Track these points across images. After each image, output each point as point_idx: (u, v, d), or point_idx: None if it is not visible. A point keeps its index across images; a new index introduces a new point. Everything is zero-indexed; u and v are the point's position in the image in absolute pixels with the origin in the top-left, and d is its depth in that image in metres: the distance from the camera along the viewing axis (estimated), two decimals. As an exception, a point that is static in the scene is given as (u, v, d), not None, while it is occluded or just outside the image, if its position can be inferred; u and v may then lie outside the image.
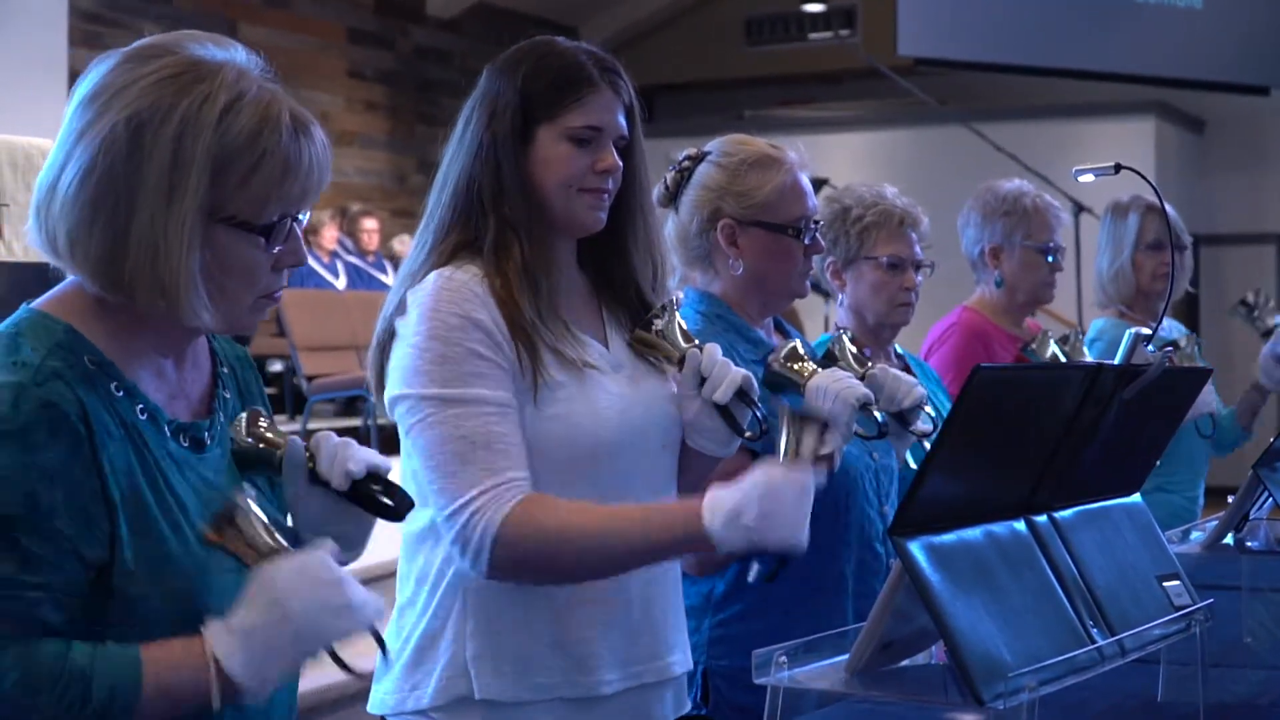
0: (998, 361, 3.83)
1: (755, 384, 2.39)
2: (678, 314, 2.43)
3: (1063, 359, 3.74)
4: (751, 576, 2.37)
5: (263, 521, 1.74)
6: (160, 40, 1.79)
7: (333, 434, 1.88)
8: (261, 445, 1.88)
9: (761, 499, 2.11)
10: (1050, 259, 4.03)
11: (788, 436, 2.33)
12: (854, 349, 2.88)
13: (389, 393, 2.30)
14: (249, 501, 1.74)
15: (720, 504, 2.14)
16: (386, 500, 1.85)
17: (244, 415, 1.89)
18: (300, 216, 1.82)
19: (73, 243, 1.73)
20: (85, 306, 1.77)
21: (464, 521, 2.19)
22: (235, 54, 1.80)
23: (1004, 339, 3.98)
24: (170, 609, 1.72)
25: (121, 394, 1.74)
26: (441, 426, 2.22)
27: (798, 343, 2.77)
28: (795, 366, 2.72)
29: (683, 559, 2.65)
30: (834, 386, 2.62)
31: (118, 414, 1.73)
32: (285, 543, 1.75)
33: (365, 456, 1.85)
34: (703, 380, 2.37)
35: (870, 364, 2.85)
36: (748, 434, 2.41)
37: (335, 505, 1.86)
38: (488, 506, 2.18)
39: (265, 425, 1.89)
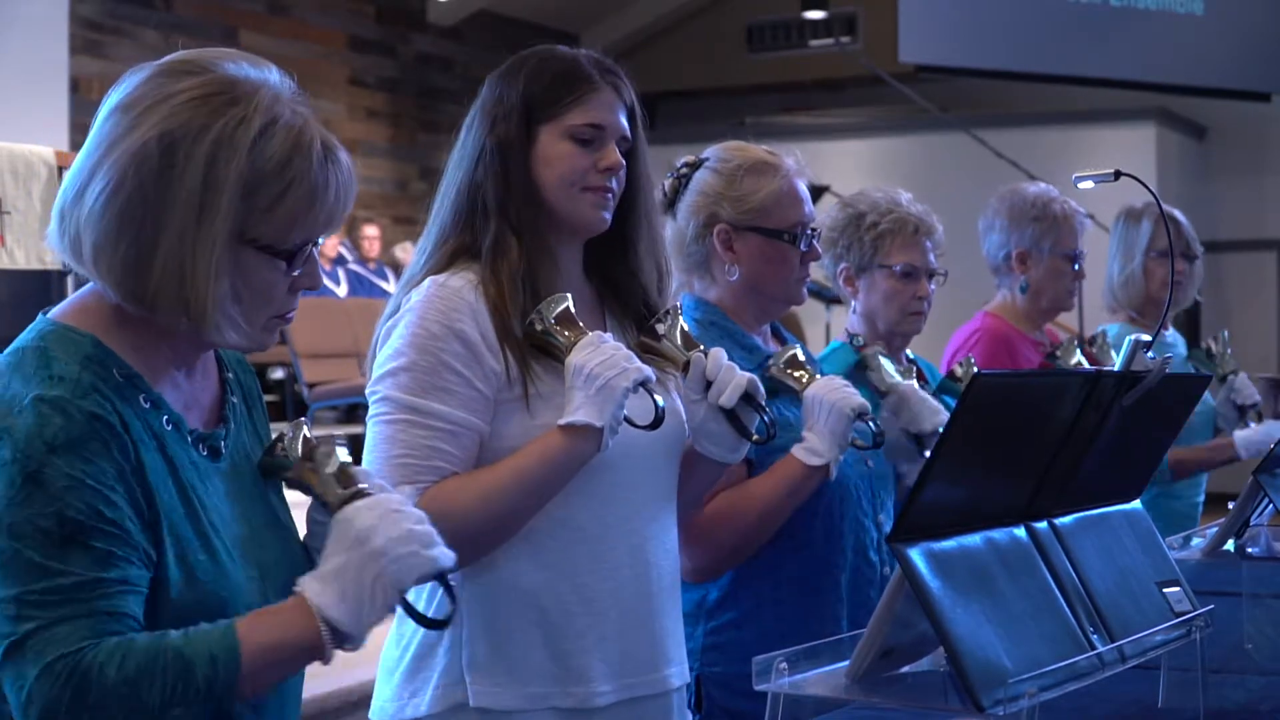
0: (1023, 367, 3.83)
1: (760, 387, 2.39)
2: (681, 319, 2.43)
3: (1086, 365, 3.74)
4: (755, 438, 2.43)
5: (345, 465, 1.77)
6: (195, 56, 1.79)
7: (370, 472, 1.88)
8: (309, 472, 1.87)
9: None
10: (1075, 266, 4.02)
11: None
12: (889, 364, 2.92)
13: (367, 384, 2.33)
14: (337, 449, 1.78)
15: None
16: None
17: (303, 440, 1.88)
18: (319, 240, 1.83)
19: (98, 253, 1.74)
20: (107, 318, 1.78)
21: None
22: (269, 75, 1.81)
23: (1027, 344, 3.97)
24: (197, 616, 1.72)
25: (149, 405, 1.76)
26: (390, 428, 2.26)
27: (797, 349, 2.78)
28: (794, 374, 2.73)
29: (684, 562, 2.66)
30: (830, 396, 2.65)
31: (148, 425, 1.75)
32: (364, 486, 1.77)
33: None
34: (708, 385, 2.38)
35: (899, 381, 2.90)
36: (755, 438, 2.42)
37: None
38: None
39: (321, 456, 1.87)
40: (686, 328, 2.44)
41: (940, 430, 2.83)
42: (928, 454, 2.83)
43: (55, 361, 1.71)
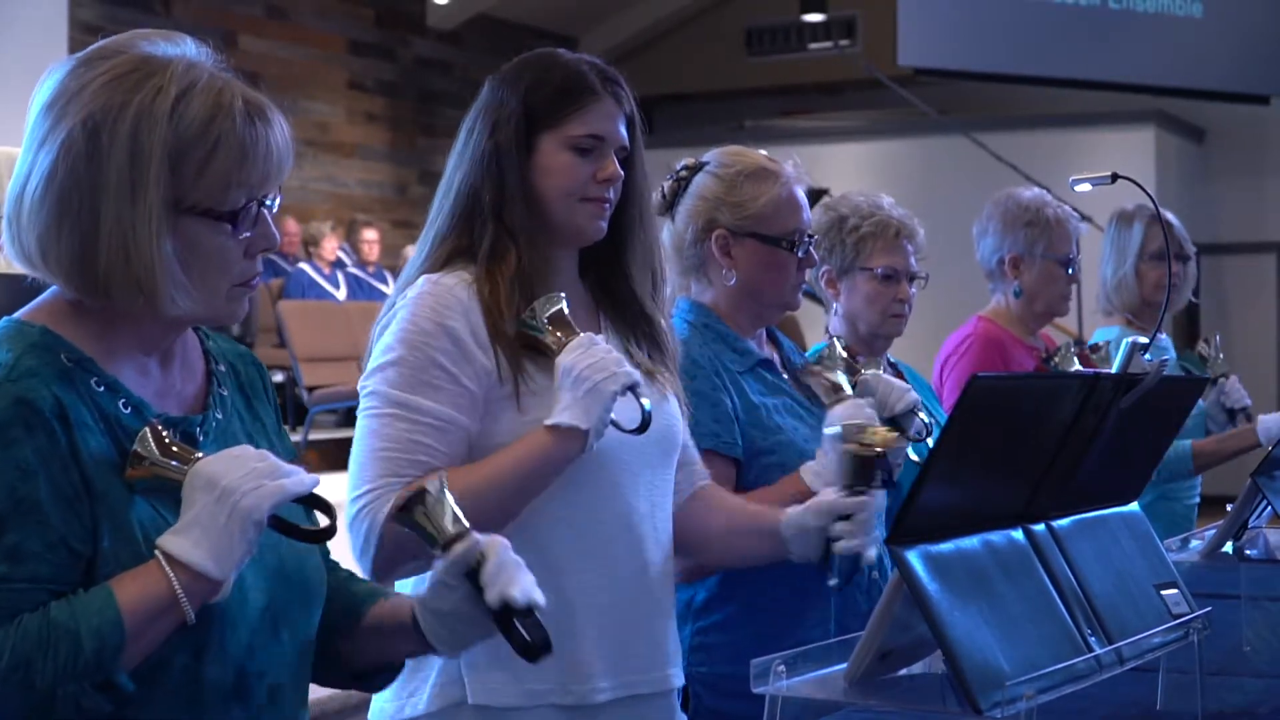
0: (1017, 371, 3.82)
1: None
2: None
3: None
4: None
5: (169, 443, 1.74)
6: (111, 42, 1.81)
7: (508, 545, 1.83)
8: (455, 526, 1.83)
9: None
10: (1069, 271, 4.02)
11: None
12: (844, 355, 2.89)
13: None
14: (147, 432, 1.74)
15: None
16: (526, 638, 1.80)
17: (448, 500, 1.84)
18: (269, 201, 1.82)
19: (44, 249, 1.75)
20: (62, 311, 1.79)
21: (353, 515, 2.24)
22: (185, 48, 1.82)
23: (1021, 348, 3.97)
24: None
25: (102, 389, 1.75)
26: (376, 421, 2.28)
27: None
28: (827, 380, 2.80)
29: (680, 562, 2.66)
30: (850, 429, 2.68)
31: (98, 407, 1.74)
32: (199, 452, 1.75)
33: (529, 589, 1.80)
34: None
35: (862, 370, 2.87)
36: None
37: (471, 610, 1.82)
38: (374, 504, 2.22)
39: (458, 517, 1.84)
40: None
41: (914, 407, 2.84)
42: (909, 434, 2.84)
43: None
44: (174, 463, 1.73)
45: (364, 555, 2.23)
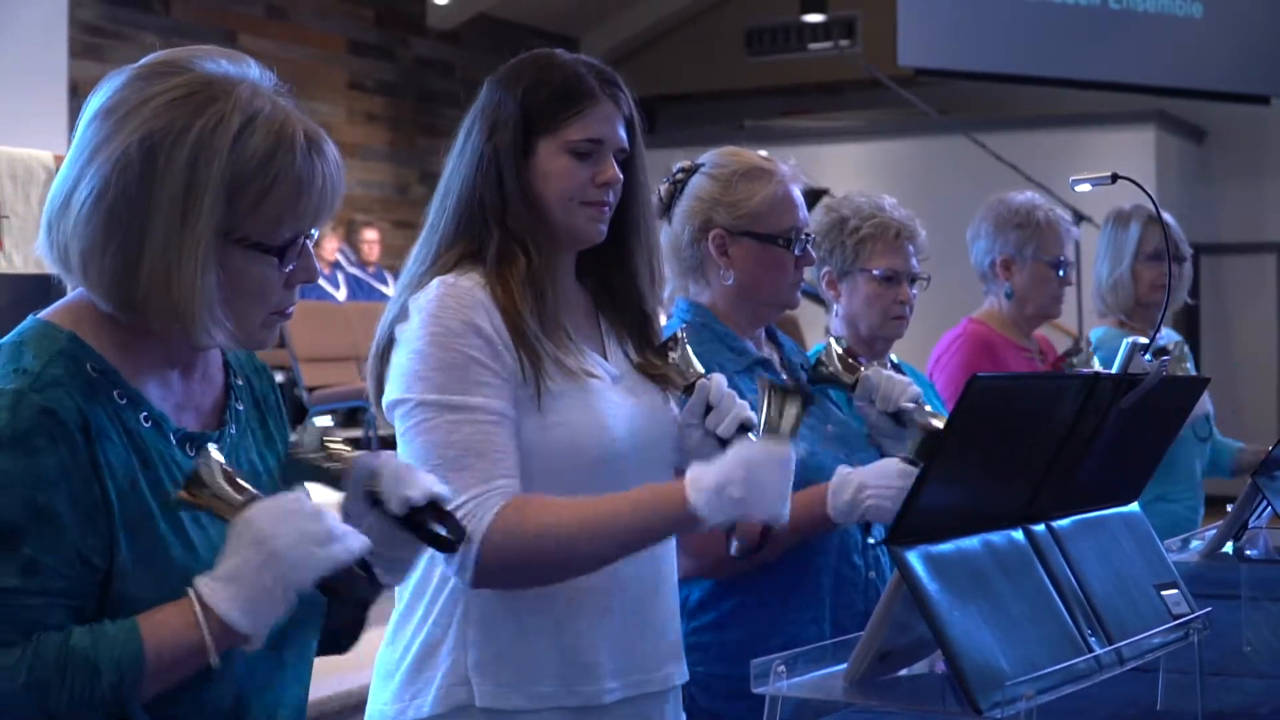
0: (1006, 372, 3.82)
1: (756, 421, 2.40)
2: (688, 345, 2.44)
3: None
4: (734, 550, 2.32)
5: (229, 473, 1.73)
6: (173, 56, 1.78)
7: (397, 455, 1.85)
8: (328, 461, 1.86)
9: (746, 472, 2.15)
10: (1061, 273, 4.03)
11: (767, 410, 2.30)
12: (840, 351, 2.89)
13: (387, 397, 2.30)
14: (213, 458, 1.73)
15: (703, 479, 2.17)
16: (441, 531, 1.82)
17: (316, 428, 1.87)
18: (312, 232, 1.81)
19: (85, 262, 1.73)
20: (91, 316, 1.77)
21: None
22: (248, 70, 1.79)
23: (1012, 350, 3.97)
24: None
25: (125, 401, 1.74)
26: (437, 432, 2.22)
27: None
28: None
29: (683, 562, 2.66)
30: (885, 487, 2.65)
31: (120, 421, 1.73)
32: (256, 491, 1.73)
33: (427, 485, 1.83)
34: (708, 410, 2.38)
35: (862, 369, 2.87)
36: None
37: (389, 529, 1.84)
38: (474, 513, 2.18)
39: (335, 442, 1.88)
40: (692, 353, 2.45)
41: (917, 402, 2.83)
42: (923, 423, 2.83)
43: (25, 356, 1.70)
44: (234, 496, 1.71)
45: (462, 570, 2.21)
